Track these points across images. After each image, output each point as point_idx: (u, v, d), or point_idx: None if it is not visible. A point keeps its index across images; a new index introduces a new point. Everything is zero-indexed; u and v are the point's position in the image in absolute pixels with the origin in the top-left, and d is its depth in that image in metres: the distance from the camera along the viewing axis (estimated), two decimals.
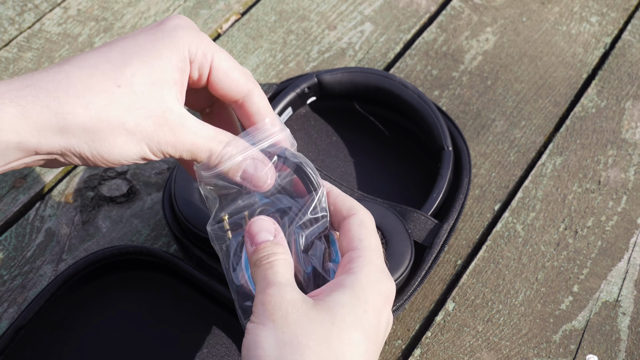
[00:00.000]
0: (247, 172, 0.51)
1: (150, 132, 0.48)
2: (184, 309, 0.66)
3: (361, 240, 0.49)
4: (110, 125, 0.47)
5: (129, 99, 0.47)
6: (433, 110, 0.76)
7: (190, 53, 0.50)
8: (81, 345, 0.63)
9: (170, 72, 0.49)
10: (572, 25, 0.92)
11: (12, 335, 0.61)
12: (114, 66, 0.48)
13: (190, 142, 0.49)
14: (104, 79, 0.47)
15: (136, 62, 0.48)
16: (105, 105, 0.47)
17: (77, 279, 0.65)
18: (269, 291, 0.46)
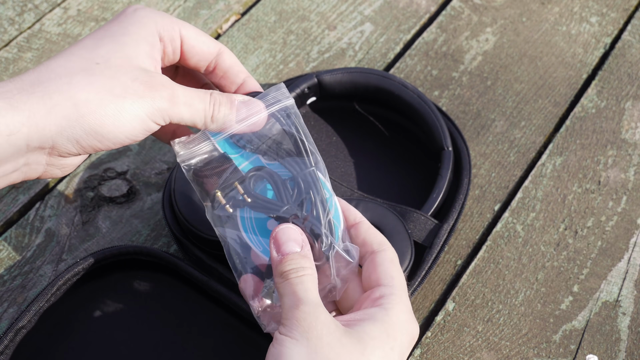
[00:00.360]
0: (240, 114, 0.52)
1: (141, 92, 0.48)
2: (184, 309, 0.66)
3: (393, 277, 0.51)
4: (98, 95, 0.47)
5: (110, 71, 0.48)
6: (433, 111, 0.76)
7: (157, 28, 0.51)
8: (81, 346, 0.63)
9: (142, 46, 0.50)
10: (572, 25, 0.92)
11: (12, 336, 0.61)
12: (88, 50, 0.49)
13: (183, 94, 0.50)
14: (81, 61, 0.48)
15: (107, 42, 0.49)
16: (89, 78, 0.47)
17: (77, 279, 0.65)
18: (303, 308, 0.47)
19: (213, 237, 0.66)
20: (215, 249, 0.67)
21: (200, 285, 0.65)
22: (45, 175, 0.51)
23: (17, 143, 0.46)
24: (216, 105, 0.52)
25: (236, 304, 0.64)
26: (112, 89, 0.47)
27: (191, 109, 0.50)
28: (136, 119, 0.48)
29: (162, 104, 0.49)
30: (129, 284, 0.67)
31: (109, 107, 0.47)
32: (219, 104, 0.52)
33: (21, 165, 0.48)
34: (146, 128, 0.49)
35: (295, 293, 0.48)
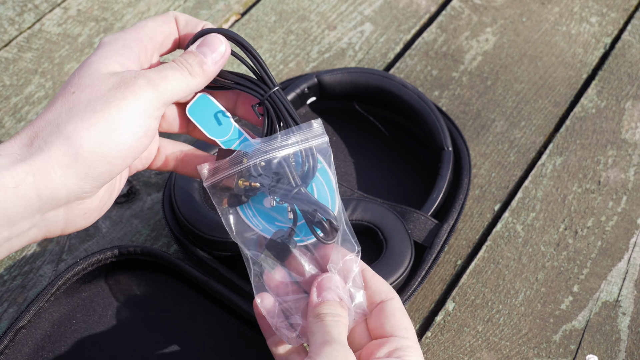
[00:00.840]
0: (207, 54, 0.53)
1: (120, 96, 0.48)
2: (184, 309, 0.66)
3: (407, 329, 0.53)
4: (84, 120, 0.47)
5: (85, 94, 0.49)
6: (433, 111, 0.76)
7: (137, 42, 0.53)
8: (81, 346, 0.63)
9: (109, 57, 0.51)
10: (572, 25, 0.92)
11: (12, 335, 0.61)
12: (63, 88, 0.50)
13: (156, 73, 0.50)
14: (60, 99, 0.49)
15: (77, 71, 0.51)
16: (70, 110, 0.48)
17: (76, 279, 0.65)
18: (335, 346, 0.49)
19: (213, 237, 0.66)
20: (215, 249, 0.67)
21: (200, 286, 0.65)
22: (68, 228, 0.50)
23: (26, 194, 0.45)
24: (183, 63, 0.52)
25: (236, 304, 0.64)
26: (93, 109, 0.47)
27: (170, 81, 0.51)
28: (130, 123, 0.48)
29: (146, 95, 0.49)
30: (129, 284, 0.67)
31: (98, 124, 0.47)
32: (184, 61, 0.52)
33: (38, 220, 0.47)
34: (146, 128, 0.49)
35: (329, 332, 0.50)
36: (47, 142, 0.46)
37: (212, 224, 0.66)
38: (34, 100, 0.83)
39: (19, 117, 0.82)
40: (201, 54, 0.53)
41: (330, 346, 0.48)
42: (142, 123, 0.49)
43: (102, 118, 0.47)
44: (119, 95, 0.48)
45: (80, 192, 0.48)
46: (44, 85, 0.84)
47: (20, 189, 0.45)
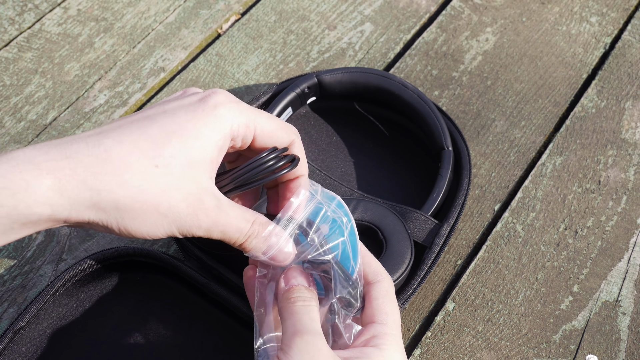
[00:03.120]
0: (269, 251, 0.52)
1: (183, 216, 0.48)
2: (183, 311, 0.66)
3: (387, 314, 0.51)
4: (144, 206, 0.47)
5: (165, 180, 0.47)
6: (433, 110, 0.76)
7: (232, 130, 0.50)
8: (80, 347, 0.63)
9: (208, 152, 0.49)
10: (572, 25, 0.92)
11: (11, 336, 0.61)
12: (152, 145, 0.47)
13: (223, 224, 0.50)
14: (142, 158, 0.47)
15: (175, 142, 0.48)
16: (141, 185, 0.46)
17: (76, 280, 0.65)
18: (306, 338, 0.47)
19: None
20: (215, 249, 0.67)
21: (199, 288, 0.65)
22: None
23: (55, 218, 0.46)
24: (251, 237, 0.51)
25: (236, 306, 0.64)
26: (159, 205, 0.47)
27: (224, 236, 0.50)
28: (168, 233, 0.49)
29: (198, 232, 0.49)
30: (129, 286, 0.67)
31: (148, 220, 0.47)
32: (254, 237, 0.51)
33: (44, 227, 0.48)
34: (173, 236, 0.50)
35: (299, 320, 0.48)
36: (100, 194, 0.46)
37: None
38: (34, 100, 0.83)
39: (19, 117, 0.82)
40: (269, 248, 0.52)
41: (301, 338, 0.47)
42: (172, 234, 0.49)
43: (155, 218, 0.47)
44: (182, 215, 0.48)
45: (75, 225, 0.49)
46: (44, 85, 0.84)
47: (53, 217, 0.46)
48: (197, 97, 0.50)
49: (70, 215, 0.46)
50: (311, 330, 0.48)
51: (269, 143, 0.52)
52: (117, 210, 0.46)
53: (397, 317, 0.52)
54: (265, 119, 0.52)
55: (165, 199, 0.47)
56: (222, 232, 0.50)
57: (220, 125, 0.49)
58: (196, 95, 0.50)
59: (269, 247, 0.52)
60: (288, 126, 0.54)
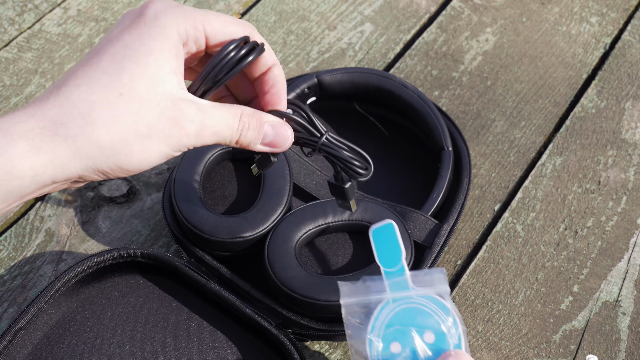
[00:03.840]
0: (267, 137, 0.52)
1: (167, 130, 0.47)
2: (183, 311, 0.66)
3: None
4: (123, 135, 0.46)
5: (135, 104, 0.46)
6: (433, 110, 0.76)
7: (180, 36, 0.49)
8: (80, 348, 0.63)
9: (166, 64, 0.48)
10: (572, 25, 0.92)
11: (11, 336, 0.61)
12: (109, 76, 0.47)
13: (210, 124, 0.49)
14: (103, 92, 0.46)
15: (129, 65, 0.47)
16: (112, 117, 0.46)
17: (76, 280, 0.65)
18: None
19: (213, 238, 0.66)
20: (215, 249, 0.67)
21: (199, 288, 0.65)
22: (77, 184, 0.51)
23: (42, 181, 0.45)
24: (244, 130, 0.51)
25: (236, 307, 0.64)
26: (137, 129, 0.46)
27: (217, 137, 0.50)
28: (161, 155, 0.48)
29: (189, 141, 0.48)
30: (129, 286, 0.67)
31: (134, 147, 0.46)
32: (247, 129, 0.51)
33: (39, 193, 0.48)
34: (169, 157, 0.49)
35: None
36: (76, 140, 0.45)
37: (212, 224, 0.66)
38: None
39: None
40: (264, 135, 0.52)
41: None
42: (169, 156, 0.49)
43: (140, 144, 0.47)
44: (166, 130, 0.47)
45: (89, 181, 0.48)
46: (44, 85, 0.84)
47: (37, 178, 0.45)
48: (135, 14, 0.49)
49: (56, 172, 0.45)
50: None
51: (225, 39, 0.51)
52: (100, 149, 0.45)
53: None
54: (213, 16, 0.51)
55: (142, 121, 0.46)
56: (213, 134, 0.49)
57: (167, 34, 0.48)
58: (134, 12, 0.49)
59: (265, 136, 0.52)
60: (240, 20, 0.53)
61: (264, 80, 0.54)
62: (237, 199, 0.71)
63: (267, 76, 0.54)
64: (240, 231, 0.66)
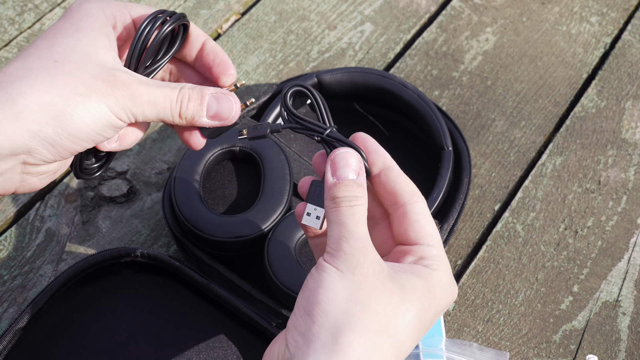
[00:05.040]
0: (210, 109, 0.51)
1: (103, 90, 0.47)
2: (183, 311, 0.66)
3: (432, 235, 0.49)
4: (62, 94, 0.46)
5: (70, 68, 0.47)
6: (433, 110, 0.76)
7: (107, 17, 0.50)
8: (79, 348, 0.63)
9: (98, 39, 0.49)
10: (572, 25, 0.92)
11: (11, 336, 0.61)
12: (43, 50, 0.48)
13: (146, 93, 0.49)
14: (39, 60, 0.47)
15: (62, 40, 0.48)
16: (51, 78, 0.46)
17: (76, 280, 0.65)
18: (353, 243, 0.45)
19: (213, 237, 0.66)
20: (215, 249, 0.67)
21: (199, 289, 0.65)
22: (22, 187, 0.49)
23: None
24: (184, 102, 0.50)
25: (236, 307, 0.64)
26: (75, 87, 0.47)
27: (156, 108, 0.49)
28: (104, 116, 0.47)
29: (125, 102, 0.48)
30: (129, 286, 0.67)
31: (77, 106, 0.46)
32: (187, 100, 0.50)
33: None
34: (114, 124, 0.48)
35: (345, 224, 0.46)
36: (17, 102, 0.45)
37: (212, 224, 0.66)
38: None
39: None
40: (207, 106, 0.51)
41: (347, 243, 0.45)
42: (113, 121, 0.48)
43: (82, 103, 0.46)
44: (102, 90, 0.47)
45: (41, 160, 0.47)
46: None
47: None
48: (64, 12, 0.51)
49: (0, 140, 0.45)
50: (357, 234, 0.46)
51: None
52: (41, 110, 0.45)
53: (439, 237, 0.50)
54: (137, 5, 0.53)
55: (79, 81, 0.47)
56: (150, 103, 0.49)
57: (94, 15, 0.50)
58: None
59: (208, 107, 0.51)
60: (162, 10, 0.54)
61: (203, 57, 0.54)
62: (237, 199, 0.71)
63: (205, 51, 0.54)
64: (240, 231, 0.66)
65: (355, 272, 0.44)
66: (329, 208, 0.48)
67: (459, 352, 0.66)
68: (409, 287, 0.46)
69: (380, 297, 0.44)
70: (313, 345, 0.43)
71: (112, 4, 0.51)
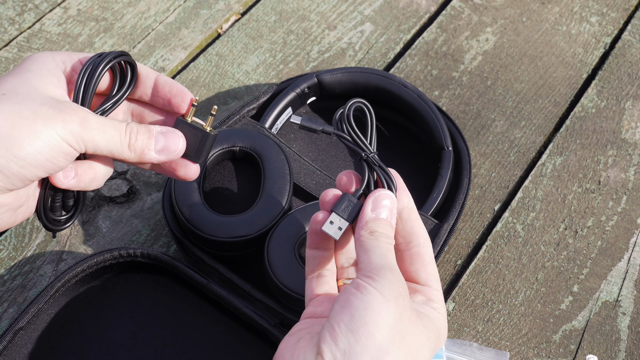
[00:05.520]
0: (158, 143, 0.53)
1: (50, 114, 0.47)
2: (183, 311, 0.66)
3: (438, 280, 0.53)
4: (8, 120, 0.46)
5: (17, 98, 0.48)
6: (433, 110, 0.76)
7: (56, 63, 0.51)
8: (79, 348, 0.63)
9: (48, 78, 0.50)
10: (572, 25, 0.92)
11: (11, 336, 0.61)
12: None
13: (95, 120, 0.49)
14: None
15: (11, 79, 0.49)
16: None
17: (76, 280, 0.65)
18: (396, 275, 0.48)
19: (213, 237, 0.66)
20: (215, 249, 0.67)
21: (199, 289, 0.65)
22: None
23: None
24: (133, 133, 0.51)
25: (236, 307, 0.64)
26: (20, 112, 0.47)
27: (105, 135, 0.50)
28: (52, 141, 0.47)
29: (74, 127, 0.48)
30: (129, 286, 0.67)
31: (22, 128, 0.46)
32: (136, 133, 0.51)
33: None
34: (65, 151, 0.48)
35: (386, 257, 0.49)
36: None
37: (212, 224, 0.66)
38: None
39: None
40: (155, 140, 0.52)
41: (392, 273, 0.47)
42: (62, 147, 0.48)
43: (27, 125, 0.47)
44: (49, 114, 0.47)
45: None
46: None
47: None
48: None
49: None
50: (397, 269, 0.49)
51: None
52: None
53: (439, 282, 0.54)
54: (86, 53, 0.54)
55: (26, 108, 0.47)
56: (100, 130, 0.49)
57: (43, 61, 0.51)
58: None
59: (156, 141, 0.52)
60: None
61: (159, 92, 0.55)
62: (237, 199, 0.71)
63: (159, 86, 0.55)
64: (240, 231, 0.66)
65: (398, 303, 0.47)
66: (365, 238, 0.50)
67: (459, 352, 0.66)
68: (429, 329, 0.49)
69: (414, 332, 0.47)
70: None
71: (62, 53, 0.53)
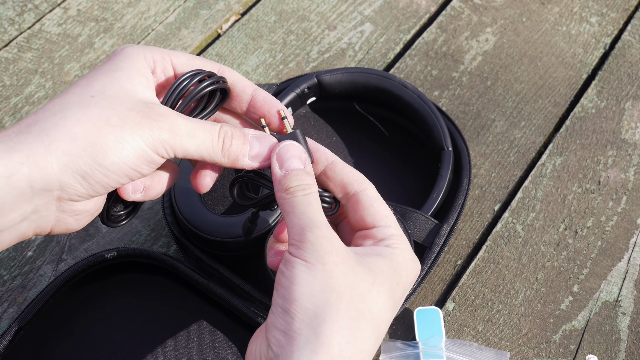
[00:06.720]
0: (253, 149, 0.50)
1: (138, 122, 0.46)
2: (183, 311, 0.66)
3: (387, 217, 0.50)
4: (95, 126, 0.45)
5: (105, 102, 0.46)
6: (433, 111, 0.76)
7: (147, 61, 0.50)
8: (80, 348, 0.63)
9: (137, 79, 0.49)
10: (572, 25, 0.92)
11: (11, 336, 0.61)
12: (82, 87, 0.47)
13: (185, 124, 0.48)
14: (76, 96, 0.47)
15: (101, 77, 0.48)
16: (84, 111, 0.46)
17: (76, 280, 0.65)
18: (317, 232, 0.46)
19: (213, 238, 0.66)
20: (215, 249, 0.67)
21: (199, 288, 0.65)
22: (58, 227, 0.48)
23: (19, 185, 0.44)
24: (227, 138, 0.49)
25: (236, 307, 0.64)
26: (108, 119, 0.46)
27: (195, 140, 0.48)
28: (137, 150, 0.46)
29: (162, 135, 0.47)
30: (129, 287, 0.67)
31: (108, 137, 0.45)
32: (231, 137, 0.49)
33: (29, 212, 0.45)
34: (149, 159, 0.47)
35: (305, 213, 0.46)
36: (49, 134, 0.45)
37: (212, 224, 0.66)
38: (34, 100, 0.83)
39: (19, 117, 0.82)
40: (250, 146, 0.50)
41: (312, 233, 0.45)
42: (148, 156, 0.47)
43: (113, 134, 0.45)
44: (137, 121, 0.46)
45: (74, 195, 0.46)
46: (44, 85, 0.84)
47: (13, 179, 0.43)
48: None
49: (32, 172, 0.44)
50: (318, 222, 0.46)
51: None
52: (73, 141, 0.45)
53: (394, 218, 0.51)
54: (180, 52, 0.52)
55: (113, 114, 0.46)
56: (189, 135, 0.48)
57: (134, 58, 0.50)
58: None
59: (251, 147, 0.50)
60: (208, 61, 0.53)
61: (257, 108, 0.53)
62: None
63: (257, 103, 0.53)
64: (240, 231, 0.66)
65: (325, 262, 0.45)
66: (283, 199, 0.48)
67: (459, 352, 0.66)
68: (377, 270, 0.47)
69: (353, 284, 0.45)
70: (296, 342, 0.43)
71: (153, 50, 0.51)
